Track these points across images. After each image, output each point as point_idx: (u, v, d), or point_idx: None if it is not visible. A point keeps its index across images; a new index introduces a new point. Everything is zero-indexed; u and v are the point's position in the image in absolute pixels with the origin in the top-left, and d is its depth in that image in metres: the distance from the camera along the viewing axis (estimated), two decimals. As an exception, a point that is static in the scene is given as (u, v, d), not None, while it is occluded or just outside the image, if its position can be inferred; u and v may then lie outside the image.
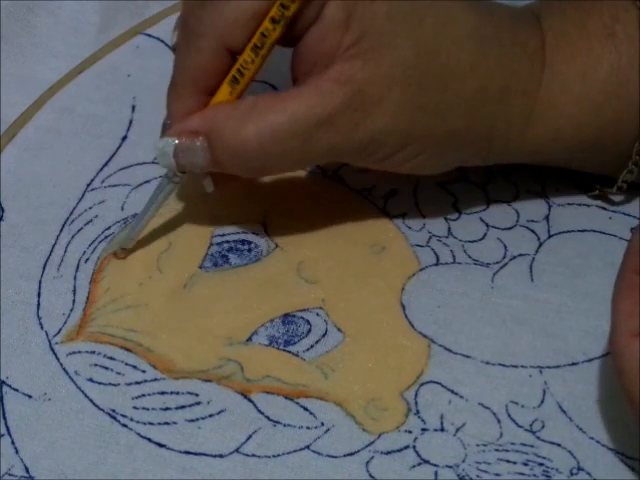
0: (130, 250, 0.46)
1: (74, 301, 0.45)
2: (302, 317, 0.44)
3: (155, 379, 0.43)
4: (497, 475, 0.40)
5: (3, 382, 0.43)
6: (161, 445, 0.41)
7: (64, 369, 0.43)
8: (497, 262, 0.46)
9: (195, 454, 0.41)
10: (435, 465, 0.40)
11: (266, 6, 0.41)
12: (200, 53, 0.42)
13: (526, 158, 0.45)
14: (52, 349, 0.44)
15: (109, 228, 0.47)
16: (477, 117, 0.43)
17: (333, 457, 0.41)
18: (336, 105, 0.41)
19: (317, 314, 0.44)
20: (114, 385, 0.42)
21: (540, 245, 0.46)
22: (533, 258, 0.46)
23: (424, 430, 0.41)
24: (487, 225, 0.47)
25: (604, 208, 0.47)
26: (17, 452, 0.41)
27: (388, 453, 0.41)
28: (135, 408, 0.42)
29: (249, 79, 0.42)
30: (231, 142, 0.41)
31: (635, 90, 0.43)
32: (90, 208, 0.48)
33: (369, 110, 0.41)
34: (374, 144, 0.42)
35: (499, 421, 0.41)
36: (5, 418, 0.42)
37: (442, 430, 0.41)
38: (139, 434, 0.41)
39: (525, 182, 0.48)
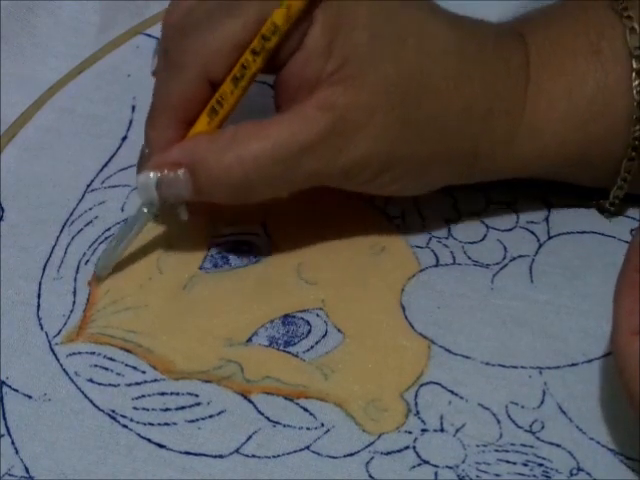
0: (104, 278, 0.45)
1: (74, 302, 0.45)
2: (302, 318, 0.44)
3: (155, 380, 0.43)
4: (497, 475, 0.40)
5: (3, 382, 0.43)
6: (161, 446, 0.41)
7: (64, 370, 0.43)
8: (497, 263, 0.46)
9: (195, 455, 0.41)
10: (435, 466, 0.40)
11: (249, 37, 0.41)
12: (181, 83, 0.42)
13: (512, 174, 0.45)
14: (52, 350, 0.44)
15: (109, 229, 0.47)
16: (461, 137, 0.43)
17: (333, 458, 0.41)
18: (319, 131, 0.41)
19: (317, 315, 0.44)
20: (114, 386, 0.42)
21: (540, 246, 0.46)
22: (533, 259, 0.46)
23: (424, 431, 0.41)
24: (487, 226, 0.47)
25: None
26: (17, 452, 0.41)
27: (388, 454, 0.41)
28: (135, 409, 0.42)
29: (228, 110, 0.42)
30: (214, 171, 0.41)
31: (622, 108, 0.43)
32: (90, 209, 0.48)
33: (352, 135, 0.41)
34: (357, 168, 0.42)
35: (499, 422, 0.41)
36: (5, 418, 0.42)
37: (442, 431, 0.41)
38: (139, 435, 0.41)
39: (524, 184, 0.48)
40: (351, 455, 0.41)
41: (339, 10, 0.41)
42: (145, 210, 0.44)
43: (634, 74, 0.43)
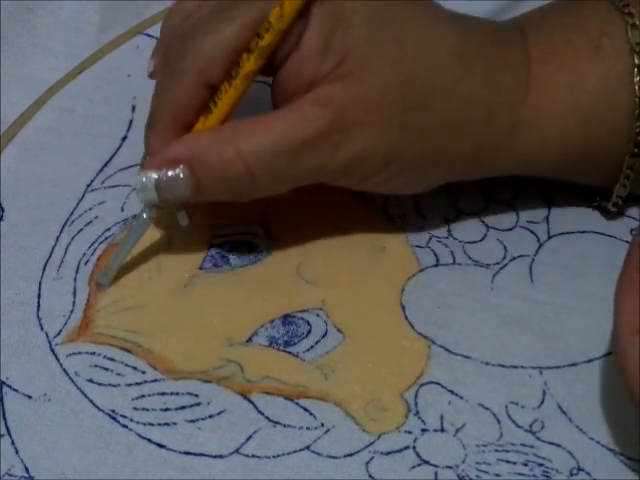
0: (108, 286, 0.45)
1: (74, 302, 0.45)
2: (302, 318, 0.44)
3: (155, 380, 0.43)
4: (497, 475, 0.40)
5: (3, 383, 0.43)
6: (161, 446, 0.41)
7: (64, 370, 0.43)
8: (497, 263, 0.46)
9: (195, 455, 0.41)
10: (435, 466, 0.40)
11: (246, 40, 0.41)
12: (180, 89, 0.42)
13: (514, 171, 0.45)
14: (52, 350, 0.44)
15: (109, 229, 0.47)
16: (462, 135, 0.43)
17: (333, 457, 0.41)
18: (318, 126, 0.41)
19: (317, 315, 0.44)
20: (114, 386, 0.42)
21: (540, 246, 0.46)
22: (533, 259, 0.46)
23: (424, 431, 0.41)
24: (487, 226, 0.47)
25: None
26: (17, 452, 0.41)
27: (388, 454, 0.41)
28: (135, 409, 0.42)
29: (224, 110, 0.42)
30: (215, 166, 0.41)
31: (623, 104, 0.43)
32: (90, 209, 0.48)
33: (351, 131, 0.41)
34: (356, 163, 0.42)
35: (499, 422, 0.41)
36: (5, 418, 0.42)
37: (442, 431, 0.41)
38: (139, 435, 0.41)
39: (525, 183, 0.48)
40: (351, 455, 0.41)
41: (336, 9, 0.41)
42: (145, 216, 0.43)
43: (636, 70, 0.43)
